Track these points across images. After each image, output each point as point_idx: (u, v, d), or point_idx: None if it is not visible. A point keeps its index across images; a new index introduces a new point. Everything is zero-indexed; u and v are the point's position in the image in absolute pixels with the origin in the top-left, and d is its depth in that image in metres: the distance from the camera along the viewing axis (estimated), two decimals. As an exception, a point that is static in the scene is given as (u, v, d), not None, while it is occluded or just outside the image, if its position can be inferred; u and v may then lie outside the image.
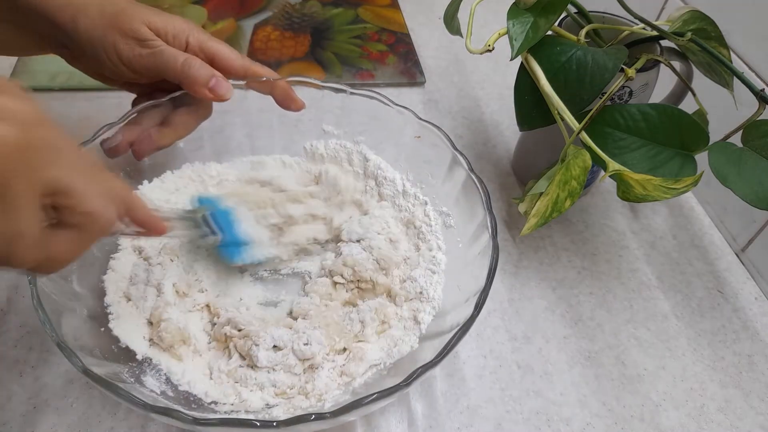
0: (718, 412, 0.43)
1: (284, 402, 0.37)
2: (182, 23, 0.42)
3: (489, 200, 0.40)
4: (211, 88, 0.41)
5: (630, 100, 0.48)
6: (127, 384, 0.33)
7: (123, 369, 0.35)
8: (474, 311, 0.34)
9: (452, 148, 0.44)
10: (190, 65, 0.41)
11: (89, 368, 0.30)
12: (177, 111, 0.43)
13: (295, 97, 0.45)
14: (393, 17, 0.79)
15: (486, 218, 0.40)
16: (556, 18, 0.44)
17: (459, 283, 0.41)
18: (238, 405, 0.37)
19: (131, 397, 0.30)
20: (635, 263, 0.53)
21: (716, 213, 0.58)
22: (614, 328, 0.48)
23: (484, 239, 0.39)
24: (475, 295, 0.36)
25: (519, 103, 0.48)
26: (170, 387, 0.37)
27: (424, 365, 0.32)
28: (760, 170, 0.42)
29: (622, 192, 0.43)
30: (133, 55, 0.40)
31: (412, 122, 0.46)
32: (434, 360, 0.32)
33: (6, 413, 0.38)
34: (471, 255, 0.41)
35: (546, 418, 0.42)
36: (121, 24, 0.40)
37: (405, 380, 0.31)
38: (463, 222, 0.43)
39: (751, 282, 0.53)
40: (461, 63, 0.73)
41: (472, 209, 0.42)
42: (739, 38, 0.53)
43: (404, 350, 0.39)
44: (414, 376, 0.31)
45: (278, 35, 0.74)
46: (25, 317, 0.43)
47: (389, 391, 0.31)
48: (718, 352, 0.47)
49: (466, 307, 0.36)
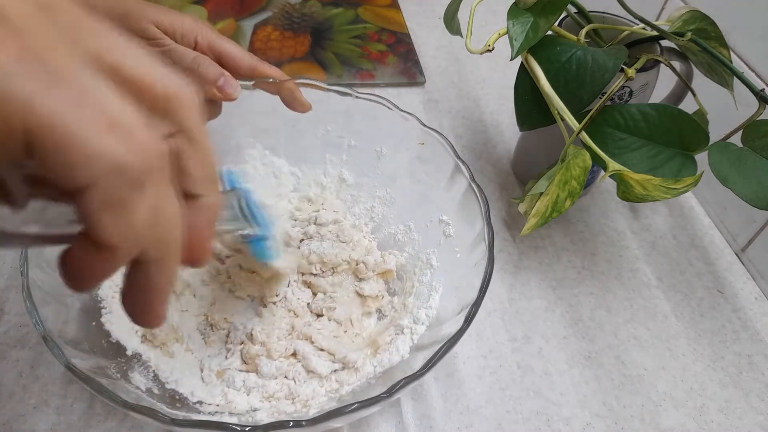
0: (718, 412, 0.43)
1: (269, 406, 0.37)
2: (191, 22, 0.42)
3: (488, 211, 0.40)
4: (219, 87, 0.41)
5: (630, 100, 0.48)
6: (111, 380, 0.33)
7: (110, 364, 0.35)
8: (464, 324, 0.34)
9: (455, 156, 0.44)
10: (199, 63, 0.41)
11: (71, 362, 0.30)
12: None
13: (302, 99, 0.45)
14: (393, 17, 0.79)
15: (484, 230, 0.39)
16: (556, 18, 0.44)
17: (456, 293, 0.41)
18: (224, 406, 0.36)
19: (111, 393, 0.29)
20: (635, 263, 0.53)
21: (716, 213, 0.58)
22: (614, 328, 0.48)
23: (480, 250, 0.39)
24: (466, 307, 0.35)
25: (519, 103, 0.48)
26: (157, 384, 0.36)
27: (407, 377, 0.32)
28: (760, 170, 0.42)
29: (622, 192, 0.43)
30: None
31: (415, 128, 0.46)
32: (419, 372, 0.32)
33: (6, 413, 0.38)
34: (468, 265, 0.41)
35: (546, 418, 0.42)
36: (129, 24, 0.40)
37: (387, 390, 0.31)
38: (463, 232, 0.43)
39: (751, 282, 0.53)
40: (461, 63, 0.73)
41: (472, 219, 0.41)
42: (739, 38, 0.53)
43: (395, 360, 0.38)
44: (397, 387, 0.31)
45: (278, 35, 0.74)
46: (25, 317, 0.43)
47: (372, 400, 0.31)
48: (718, 352, 0.47)
49: (460, 318, 0.35)
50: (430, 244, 0.45)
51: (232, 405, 0.36)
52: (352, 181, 0.50)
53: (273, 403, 0.37)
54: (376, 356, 0.39)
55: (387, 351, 0.39)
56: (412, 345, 0.39)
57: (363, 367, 0.39)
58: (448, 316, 0.39)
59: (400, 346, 0.39)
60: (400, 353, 0.38)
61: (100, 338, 0.36)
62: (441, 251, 0.44)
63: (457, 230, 0.44)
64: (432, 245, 0.45)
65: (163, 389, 0.36)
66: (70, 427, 0.38)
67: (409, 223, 0.47)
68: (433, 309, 0.41)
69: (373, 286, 0.45)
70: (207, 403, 0.36)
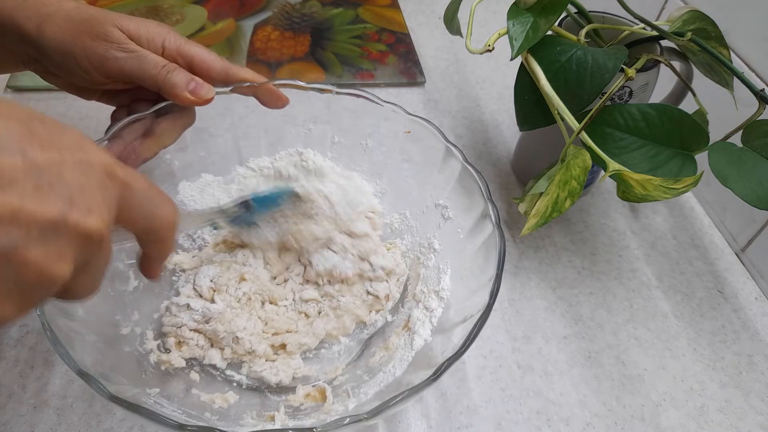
0: (718, 412, 0.43)
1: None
2: (156, 27, 0.42)
3: (488, 189, 0.40)
4: (191, 90, 0.40)
5: (630, 100, 0.48)
6: (150, 400, 0.33)
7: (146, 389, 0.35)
8: (490, 300, 0.35)
9: (444, 140, 0.44)
10: (169, 70, 0.40)
11: (116, 394, 0.29)
12: (159, 120, 0.42)
13: (279, 94, 0.44)
14: (393, 17, 0.79)
15: (487, 207, 0.39)
16: (556, 18, 0.44)
17: (462, 274, 0.41)
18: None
19: (160, 417, 0.29)
20: (635, 263, 0.53)
21: (716, 213, 0.58)
22: (614, 328, 0.48)
23: (486, 229, 0.39)
24: (490, 281, 0.36)
25: (519, 103, 0.48)
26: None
27: (450, 357, 0.32)
28: (760, 170, 0.42)
29: (622, 192, 0.43)
30: (108, 58, 0.39)
31: (401, 117, 0.45)
32: (460, 349, 0.33)
33: (6, 413, 0.38)
34: (475, 244, 0.41)
35: (546, 418, 0.42)
36: (91, 28, 0.39)
37: (434, 373, 0.32)
38: (463, 213, 0.43)
39: (751, 282, 0.53)
40: (461, 63, 0.73)
41: (471, 200, 0.41)
42: (739, 38, 0.53)
43: (418, 344, 0.39)
44: (442, 368, 0.32)
45: (278, 35, 0.74)
46: (25, 317, 0.43)
47: (420, 386, 0.31)
48: (718, 352, 0.47)
49: (484, 295, 0.36)
50: (430, 229, 0.45)
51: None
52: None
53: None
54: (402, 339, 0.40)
55: (408, 337, 0.40)
56: (432, 328, 0.40)
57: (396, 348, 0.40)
58: (467, 295, 0.39)
59: (421, 331, 0.39)
60: (423, 337, 0.39)
61: (128, 364, 0.36)
62: (442, 234, 0.44)
63: (456, 212, 0.44)
64: (431, 229, 0.45)
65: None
66: (70, 427, 0.38)
67: (404, 211, 0.48)
68: (446, 290, 0.41)
69: (384, 285, 0.45)
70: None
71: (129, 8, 0.75)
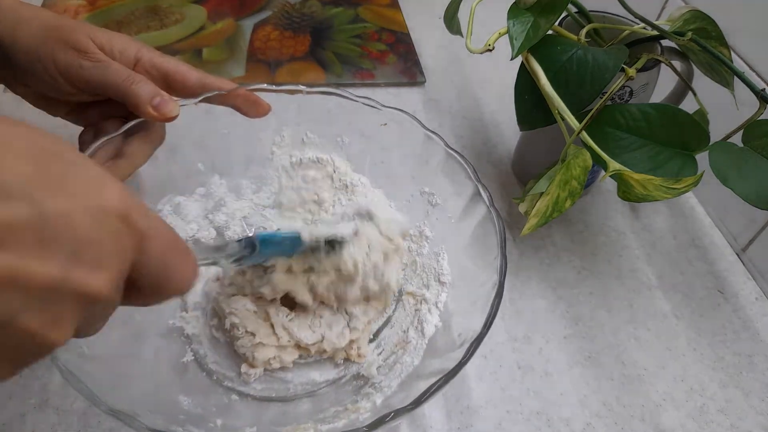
0: (719, 412, 0.43)
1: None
2: (129, 40, 0.41)
3: (476, 172, 0.40)
4: (155, 106, 0.39)
5: (630, 99, 0.48)
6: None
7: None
8: (499, 278, 0.35)
9: (423, 128, 0.43)
10: (134, 80, 0.39)
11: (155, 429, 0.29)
12: (129, 140, 0.41)
13: (259, 101, 0.43)
14: (393, 17, 0.79)
15: (477, 189, 0.39)
16: (557, 17, 0.44)
17: (460, 258, 0.41)
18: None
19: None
20: (635, 263, 0.53)
21: (717, 213, 0.58)
22: (614, 328, 0.48)
23: (480, 210, 0.39)
24: (492, 262, 0.36)
25: (519, 103, 0.48)
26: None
27: (474, 339, 0.33)
28: (760, 170, 0.42)
29: (623, 192, 0.43)
30: (74, 66, 0.39)
31: (374, 111, 0.45)
32: (482, 331, 0.33)
33: (6, 413, 0.38)
34: (468, 228, 0.41)
35: (546, 418, 0.42)
36: (62, 34, 0.39)
37: (464, 357, 0.32)
38: (451, 197, 0.43)
39: (751, 282, 0.53)
40: (461, 63, 0.73)
41: (459, 184, 0.41)
42: (739, 38, 0.53)
43: (429, 331, 0.39)
44: (469, 353, 0.32)
45: (278, 35, 0.74)
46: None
47: (451, 374, 0.32)
48: (718, 352, 0.47)
49: (492, 274, 0.36)
50: (418, 217, 0.46)
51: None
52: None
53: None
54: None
55: (420, 324, 0.40)
56: (439, 313, 0.40)
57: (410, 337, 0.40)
58: (471, 276, 0.40)
59: (429, 318, 0.40)
60: (432, 323, 0.39)
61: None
62: (431, 221, 0.45)
63: (445, 197, 0.44)
64: (420, 217, 0.45)
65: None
66: (70, 427, 0.38)
67: (389, 203, 0.47)
68: (446, 275, 0.42)
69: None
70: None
71: (128, 8, 0.74)
